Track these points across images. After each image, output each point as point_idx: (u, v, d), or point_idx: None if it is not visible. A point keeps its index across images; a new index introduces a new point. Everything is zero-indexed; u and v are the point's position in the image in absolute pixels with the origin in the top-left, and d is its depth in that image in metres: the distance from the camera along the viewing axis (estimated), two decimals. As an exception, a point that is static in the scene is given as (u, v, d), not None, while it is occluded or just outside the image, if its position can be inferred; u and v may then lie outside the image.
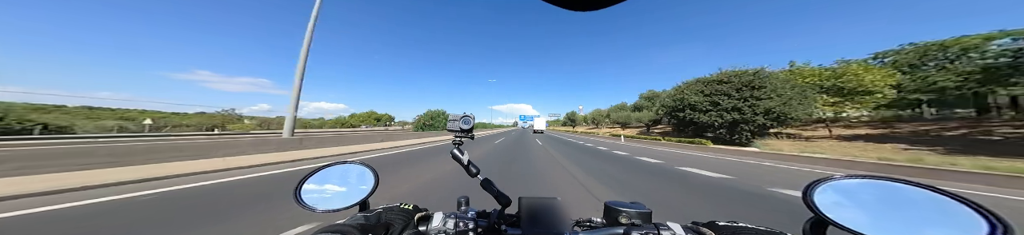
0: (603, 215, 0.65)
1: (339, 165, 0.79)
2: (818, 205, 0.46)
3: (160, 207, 3.09)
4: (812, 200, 0.47)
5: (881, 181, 0.46)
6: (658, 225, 0.57)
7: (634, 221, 0.60)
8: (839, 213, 0.45)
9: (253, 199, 3.40)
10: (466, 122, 0.74)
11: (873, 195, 0.45)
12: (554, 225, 0.62)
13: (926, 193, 0.42)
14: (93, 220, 2.63)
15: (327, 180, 0.75)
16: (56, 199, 3.30)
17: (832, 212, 0.45)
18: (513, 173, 5.56)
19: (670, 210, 3.19)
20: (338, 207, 0.66)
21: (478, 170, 0.71)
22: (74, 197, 3.39)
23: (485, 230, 0.65)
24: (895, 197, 0.44)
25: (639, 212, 0.61)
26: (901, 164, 7.14)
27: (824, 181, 0.49)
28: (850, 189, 0.47)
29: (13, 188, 3.56)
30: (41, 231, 2.37)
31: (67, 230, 2.39)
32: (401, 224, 0.57)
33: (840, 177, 0.49)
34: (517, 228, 0.64)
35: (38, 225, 2.52)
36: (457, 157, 0.71)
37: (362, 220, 0.54)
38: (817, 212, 0.45)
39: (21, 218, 2.69)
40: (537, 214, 0.65)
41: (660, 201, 3.64)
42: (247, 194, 3.66)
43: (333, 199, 0.70)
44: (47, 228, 2.45)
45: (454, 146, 0.73)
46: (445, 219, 0.62)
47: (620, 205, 0.64)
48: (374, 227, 0.52)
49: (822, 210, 0.45)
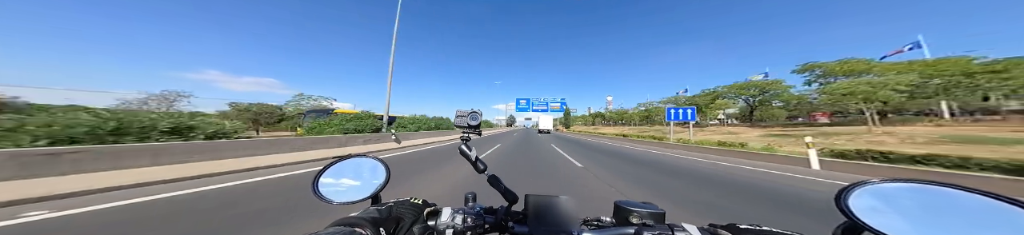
0: (612, 214, 0.64)
1: (353, 159, 0.80)
2: (853, 210, 0.43)
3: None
4: (846, 205, 0.44)
5: (925, 185, 0.42)
6: (672, 226, 0.55)
7: (646, 221, 0.58)
8: (875, 219, 0.41)
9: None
10: (474, 118, 0.73)
11: (915, 200, 0.41)
12: (561, 223, 0.61)
13: (981, 199, 0.38)
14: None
15: (342, 174, 0.77)
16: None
17: (868, 218, 0.42)
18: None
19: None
20: (352, 200, 0.68)
21: (486, 166, 0.70)
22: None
23: (492, 226, 0.65)
24: (941, 203, 0.40)
25: (652, 212, 0.60)
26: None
27: (860, 185, 0.45)
28: (889, 193, 0.44)
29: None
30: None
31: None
32: (411, 218, 0.58)
33: (878, 181, 0.45)
34: (524, 225, 0.63)
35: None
36: (465, 153, 0.70)
37: (375, 213, 0.55)
38: (852, 217, 0.43)
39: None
40: (544, 212, 0.64)
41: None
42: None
43: (347, 192, 0.72)
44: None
45: (462, 142, 0.73)
46: (454, 214, 0.62)
47: (631, 205, 0.62)
48: (385, 220, 0.53)
49: (857, 215, 0.42)
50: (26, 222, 2.54)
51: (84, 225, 2.49)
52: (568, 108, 63.77)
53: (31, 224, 2.51)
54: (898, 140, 14.13)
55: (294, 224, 2.54)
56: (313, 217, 2.71)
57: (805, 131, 20.64)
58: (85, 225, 2.49)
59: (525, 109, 45.37)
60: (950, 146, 11.47)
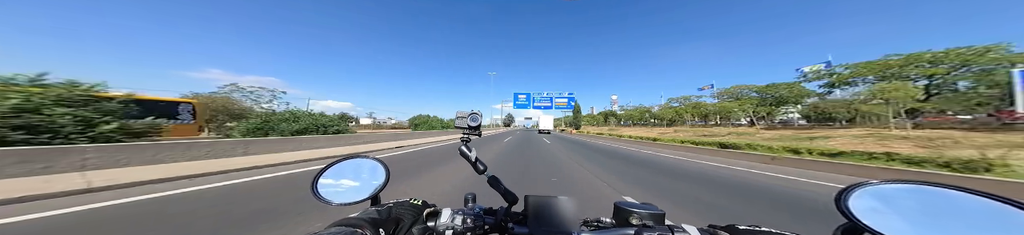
0: (612, 215, 0.64)
1: (352, 159, 0.80)
2: (853, 211, 0.43)
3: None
4: (846, 206, 0.44)
5: (925, 186, 0.41)
6: (672, 227, 0.54)
7: (645, 222, 0.58)
8: (875, 220, 0.41)
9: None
10: (474, 119, 0.74)
11: (916, 201, 0.41)
12: (561, 224, 0.61)
13: (983, 201, 0.37)
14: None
15: (342, 174, 0.76)
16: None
17: (868, 219, 0.41)
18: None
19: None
20: (352, 201, 0.68)
21: (486, 167, 0.70)
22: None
23: (492, 227, 0.64)
24: (942, 204, 0.39)
25: (652, 213, 0.59)
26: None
27: (859, 186, 0.45)
28: (889, 194, 0.43)
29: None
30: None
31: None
32: (410, 219, 0.58)
33: (878, 182, 0.45)
34: (524, 226, 0.63)
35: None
36: (465, 154, 0.70)
37: (374, 214, 0.55)
38: (852, 218, 0.42)
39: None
40: (544, 213, 0.64)
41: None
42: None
43: (347, 193, 0.71)
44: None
45: (462, 143, 0.73)
46: (453, 215, 0.62)
47: (631, 206, 0.62)
48: (385, 221, 0.53)
49: (857, 216, 0.42)
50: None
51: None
52: (578, 105, 48.38)
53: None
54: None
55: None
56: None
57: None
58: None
59: (525, 106, 38.19)
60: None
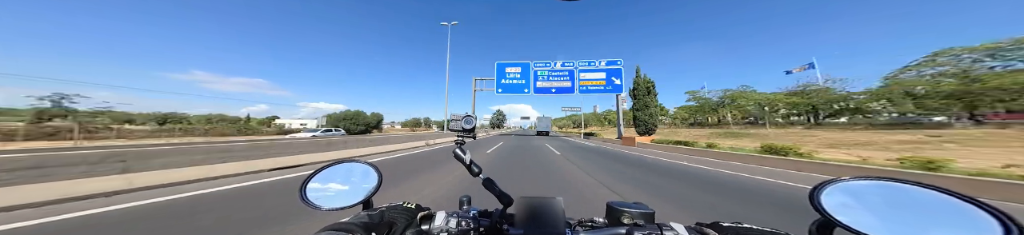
0: (605, 215, 0.65)
1: (343, 164, 0.79)
2: (825, 207, 0.44)
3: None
4: (819, 201, 0.45)
5: (890, 182, 0.44)
6: (661, 225, 0.56)
7: (636, 221, 0.59)
8: (847, 215, 0.43)
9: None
10: (468, 122, 0.74)
11: (882, 196, 0.43)
12: (555, 225, 0.61)
13: (936, 195, 0.39)
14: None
15: (331, 179, 0.75)
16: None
17: (839, 214, 0.43)
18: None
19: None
20: (342, 205, 0.67)
21: (480, 170, 0.72)
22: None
23: (487, 229, 0.65)
24: (904, 199, 0.41)
25: (642, 212, 0.60)
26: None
27: (831, 183, 0.47)
28: (858, 190, 0.45)
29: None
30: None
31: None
32: (404, 223, 0.58)
33: (848, 178, 0.46)
34: (519, 228, 0.64)
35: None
36: (459, 157, 0.71)
37: (366, 218, 0.54)
38: (824, 214, 0.44)
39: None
40: (538, 214, 0.63)
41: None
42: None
43: (337, 197, 0.70)
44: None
45: (456, 146, 0.74)
46: (447, 218, 0.62)
47: (622, 205, 0.63)
48: (377, 225, 0.52)
49: (829, 212, 0.44)
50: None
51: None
52: (647, 83, 24.87)
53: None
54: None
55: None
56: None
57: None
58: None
59: (520, 88, 20.98)
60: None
